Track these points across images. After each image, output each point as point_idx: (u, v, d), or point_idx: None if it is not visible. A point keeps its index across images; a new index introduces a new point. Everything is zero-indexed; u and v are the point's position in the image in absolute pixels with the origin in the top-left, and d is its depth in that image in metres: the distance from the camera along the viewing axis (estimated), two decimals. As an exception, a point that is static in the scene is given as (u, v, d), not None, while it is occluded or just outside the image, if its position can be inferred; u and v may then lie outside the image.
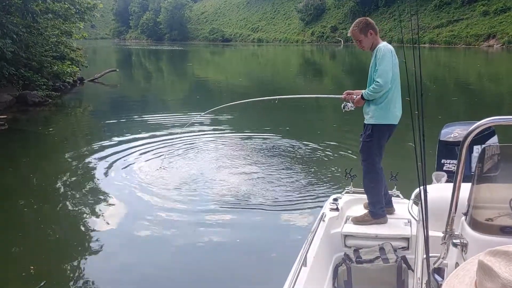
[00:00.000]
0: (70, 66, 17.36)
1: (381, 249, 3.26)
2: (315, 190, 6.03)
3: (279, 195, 5.91)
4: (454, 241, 1.84)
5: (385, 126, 3.68)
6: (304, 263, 2.80)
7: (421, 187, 1.86)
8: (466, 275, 0.99)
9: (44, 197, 6.06)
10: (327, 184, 6.19)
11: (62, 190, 6.26)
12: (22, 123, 11.53)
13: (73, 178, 6.74)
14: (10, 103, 13.07)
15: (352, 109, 3.89)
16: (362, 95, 3.73)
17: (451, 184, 1.88)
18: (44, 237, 4.91)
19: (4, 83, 13.66)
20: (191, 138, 9.18)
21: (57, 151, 8.70)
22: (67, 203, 5.79)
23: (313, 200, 5.65)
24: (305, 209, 5.42)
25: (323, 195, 5.68)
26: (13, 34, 12.70)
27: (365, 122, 3.78)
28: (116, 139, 9.19)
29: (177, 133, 9.48)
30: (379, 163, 3.75)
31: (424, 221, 1.80)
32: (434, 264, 1.97)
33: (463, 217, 1.92)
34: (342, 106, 3.95)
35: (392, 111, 3.67)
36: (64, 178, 6.75)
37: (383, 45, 3.66)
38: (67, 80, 17.21)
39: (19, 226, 5.24)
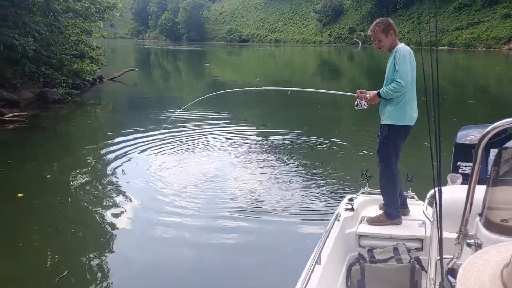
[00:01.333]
0: (90, 64, 17.61)
1: (395, 249, 3.27)
2: (330, 189, 6.05)
3: (294, 193, 5.95)
4: (468, 241, 1.84)
5: (402, 127, 3.69)
6: (318, 261, 2.82)
7: (436, 188, 1.88)
8: (486, 265, 0.96)
9: (65, 191, 6.19)
10: (343, 184, 6.20)
11: (81, 185, 6.39)
12: (42, 120, 11.74)
13: (92, 174, 6.87)
14: (30, 100, 13.33)
15: (365, 107, 3.88)
16: (378, 93, 3.74)
17: (466, 186, 1.89)
18: (66, 230, 5.06)
19: (25, 80, 13.91)
20: (207, 135, 9.34)
21: (76, 147, 8.86)
22: (87, 198, 5.91)
23: (328, 200, 5.67)
24: (320, 208, 5.45)
25: (338, 195, 5.70)
26: (35, 33, 12.93)
27: (382, 122, 3.79)
28: (134, 136, 9.31)
29: (192, 130, 9.61)
30: (395, 164, 3.75)
31: (438, 222, 1.81)
32: (447, 264, 1.98)
33: (478, 218, 1.92)
34: (355, 103, 3.95)
35: (408, 112, 3.68)
36: (84, 174, 6.89)
37: (402, 47, 3.67)
38: (87, 78, 17.44)
39: (43, 219, 5.39)
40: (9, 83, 13.01)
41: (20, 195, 6.00)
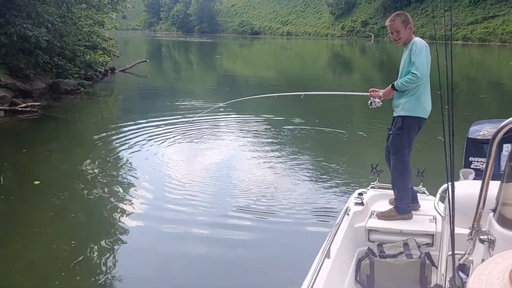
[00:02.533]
0: (102, 55, 17.66)
1: (405, 244, 3.25)
2: (340, 184, 6.03)
3: (304, 186, 5.95)
4: (481, 237, 1.82)
5: (416, 119, 3.66)
6: (328, 255, 2.81)
7: (449, 183, 1.85)
8: (493, 276, 0.97)
9: (79, 180, 6.28)
10: (353, 178, 6.17)
11: (94, 174, 6.48)
12: (55, 110, 11.83)
13: (105, 164, 6.97)
14: (43, 91, 13.44)
15: (380, 105, 3.86)
16: (393, 85, 3.71)
17: (479, 181, 1.87)
18: (81, 217, 5.18)
19: (39, 71, 14.01)
20: (219, 126, 9.43)
21: (89, 137, 8.91)
22: (100, 187, 6.00)
23: (338, 194, 5.66)
24: (329, 202, 5.44)
25: (348, 189, 5.68)
26: (48, 23, 12.99)
27: (395, 114, 3.76)
28: (145, 127, 9.37)
29: (203, 122, 9.65)
30: (408, 156, 3.71)
31: (451, 217, 1.79)
32: (459, 260, 1.96)
33: (491, 213, 1.90)
34: (369, 102, 3.93)
35: (422, 105, 3.65)
36: (97, 163, 6.98)
37: (419, 40, 3.64)
38: (99, 69, 17.51)
39: (59, 206, 5.50)
40: (23, 74, 13.12)
41: (36, 182, 6.16)
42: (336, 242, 3.05)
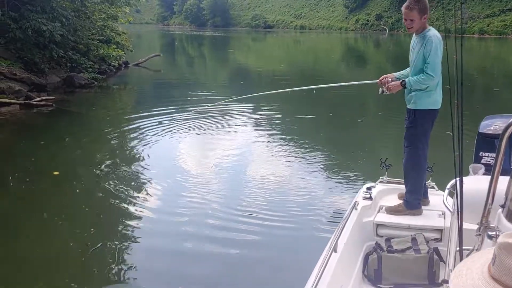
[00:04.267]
0: (116, 49, 17.75)
1: (413, 239, 3.23)
2: (348, 178, 6.02)
3: (312, 180, 5.96)
4: (490, 233, 1.81)
5: (428, 112, 3.61)
6: (335, 249, 2.81)
7: (457, 178, 1.84)
8: (473, 266, 1.00)
9: (96, 170, 6.39)
10: (361, 173, 6.15)
11: (110, 166, 6.60)
12: (69, 104, 11.94)
13: (120, 156, 7.14)
14: (58, 85, 13.60)
15: (388, 93, 3.83)
16: (404, 84, 3.65)
17: (488, 177, 1.85)
18: (100, 206, 5.37)
19: (53, 65, 14.16)
20: (231, 120, 9.51)
21: (103, 131, 9.01)
22: (116, 178, 6.12)
23: (346, 188, 5.65)
24: (337, 196, 5.44)
25: (356, 183, 5.65)
26: (62, 18, 13.12)
27: (408, 107, 3.72)
28: (158, 121, 9.44)
29: (216, 115, 9.72)
30: (422, 150, 3.64)
31: (459, 212, 1.78)
32: (467, 256, 1.94)
33: (500, 209, 1.88)
34: (380, 90, 3.91)
35: (433, 97, 3.59)
36: (112, 156, 7.15)
37: (433, 35, 3.55)
38: (113, 63, 17.61)
39: (79, 195, 5.74)
40: (37, 68, 13.28)
41: (56, 173, 6.37)
42: (344, 237, 3.04)
